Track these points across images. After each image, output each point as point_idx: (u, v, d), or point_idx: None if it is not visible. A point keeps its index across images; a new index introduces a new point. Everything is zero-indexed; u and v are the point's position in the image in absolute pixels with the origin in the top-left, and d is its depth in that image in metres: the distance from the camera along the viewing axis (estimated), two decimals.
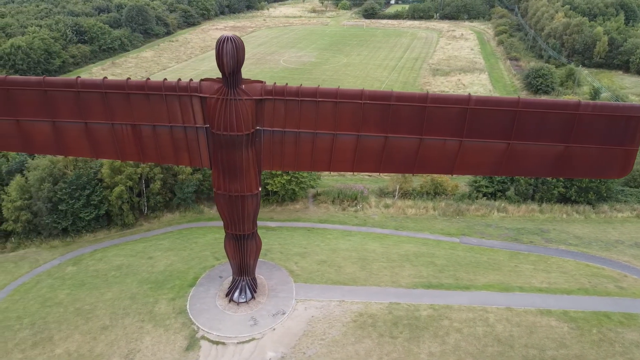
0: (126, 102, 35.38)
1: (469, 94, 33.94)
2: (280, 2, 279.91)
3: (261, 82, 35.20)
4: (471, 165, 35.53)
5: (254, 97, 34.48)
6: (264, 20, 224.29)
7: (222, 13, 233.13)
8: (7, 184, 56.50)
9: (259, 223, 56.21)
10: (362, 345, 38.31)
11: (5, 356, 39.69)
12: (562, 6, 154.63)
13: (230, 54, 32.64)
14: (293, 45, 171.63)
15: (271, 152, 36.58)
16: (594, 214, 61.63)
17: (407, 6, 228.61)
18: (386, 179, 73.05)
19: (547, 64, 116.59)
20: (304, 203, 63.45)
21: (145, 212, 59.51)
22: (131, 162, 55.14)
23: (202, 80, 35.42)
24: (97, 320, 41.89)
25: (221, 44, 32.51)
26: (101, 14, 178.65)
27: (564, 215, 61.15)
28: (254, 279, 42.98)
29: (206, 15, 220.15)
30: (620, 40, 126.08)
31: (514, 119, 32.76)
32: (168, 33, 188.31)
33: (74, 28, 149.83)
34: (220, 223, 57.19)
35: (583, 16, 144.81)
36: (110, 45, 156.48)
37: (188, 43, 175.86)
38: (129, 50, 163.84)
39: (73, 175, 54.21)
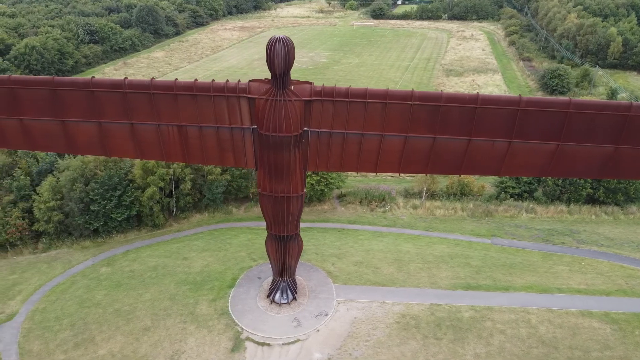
0: (173, 103, 35.28)
1: (520, 95, 33.85)
2: (286, 2, 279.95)
3: (310, 83, 35.13)
4: (519, 167, 35.41)
5: (303, 98, 34.36)
6: (272, 20, 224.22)
7: (230, 13, 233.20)
8: (37, 185, 56.45)
9: None
10: (407, 346, 38.24)
11: (48, 357, 39.67)
12: (574, 7, 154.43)
13: (281, 55, 32.60)
14: (304, 46, 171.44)
15: (317, 153, 36.48)
16: (622, 215, 61.59)
17: (415, 7, 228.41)
18: (409, 180, 73.13)
19: (562, 65, 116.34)
20: (331, 204, 63.39)
21: (174, 212, 59.44)
22: (162, 162, 55.24)
23: (250, 81, 35.39)
24: (138, 321, 41.84)
25: (272, 45, 32.48)
26: (111, 14, 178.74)
27: (593, 216, 61.10)
28: (293, 280, 42.89)
29: (214, 16, 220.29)
30: (635, 41, 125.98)
31: (565, 120, 32.62)
32: (177, 33, 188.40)
33: (85, 28, 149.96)
34: (251, 224, 57.90)
35: (594, 17, 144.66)
36: (121, 46, 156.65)
37: (198, 43, 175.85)
38: (139, 51, 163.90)
39: (104, 175, 54.16)
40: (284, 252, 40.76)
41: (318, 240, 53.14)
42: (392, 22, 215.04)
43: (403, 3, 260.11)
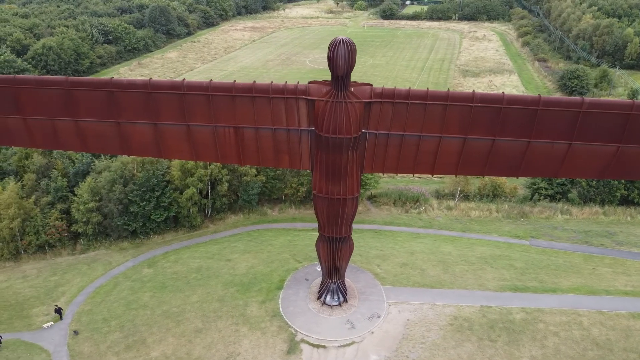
0: (231, 105, 35.19)
1: (582, 96, 33.78)
2: (294, 3, 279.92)
3: (369, 84, 34.97)
4: (578, 168, 35.40)
5: (363, 100, 34.19)
6: (282, 20, 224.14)
7: (239, 13, 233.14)
8: (74, 186, 56.34)
9: None
10: (463, 348, 38.16)
11: (100, 359, 39.58)
12: (589, 7, 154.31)
13: (344, 57, 32.44)
14: (316, 46, 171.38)
15: (374, 154, 36.36)
16: None
17: (425, 7, 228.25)
18: (437, 180, 72.96)
19: (581, 66, 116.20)
20: (364, 205, 63.25)
21: (209, 213, 59.35)
22: (201, 163, 55.16)
23: (310, 82, 35.25)
24: (188, 323, 41.77)
25: (335, 47, 32.38)
26: (123, 14, 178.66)
27: (628, 218, 60.97)
28: (343, 282, 42.79)
29: (224, 16, 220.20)
30: None
31: (627, 121, 32.55)
32: (189, 34, 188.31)
33: (99, 28, 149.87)
34: (287, 225, 57.88)
35: (608, 17, 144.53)
36: (135, 46, 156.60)
37: (210, 44, 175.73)
38: (152, 51, 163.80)
39: (142, 177, 54.04)
40: (335, 253, 40.63)
41: (358, 242, 52.72)
42: (403, 22, 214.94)
43: (411, 3, 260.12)
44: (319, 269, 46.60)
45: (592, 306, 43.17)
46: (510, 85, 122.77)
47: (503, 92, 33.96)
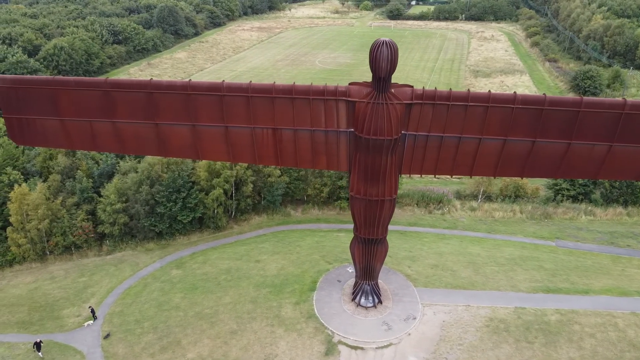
0: (270, 106, 35.18)
1: (624, 97, 33.69)
2: (299, 3, 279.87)
3: (410, 86, 34.93)
4: (618, 170, 35.35)
5: (404, 102, 34.13)
6: (289, 21, 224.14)
7: (245, 14, 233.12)
8: (98, 187, 56.31)
9: (349, 226, 56.29)
10: (501, 350, 38.11)
11: None
12: (598, 7, 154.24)
13: (387, 59, 32.43)
14: (325, 46, 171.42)
15: (412, 156, 36.30)
16: None
17: (431, 7, 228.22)
18: (455, 181, 72.86)
19: (594, 66, 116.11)
20: None
21: (233, 214, 59.31)
22: (227, 164, 55.12)
23: (350, 84, 35.25)
24: (222, 324, 41.71)
25: (377, 48, 32.44)
26: (131, 15, 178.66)
27: None
28: (377, 284, 42.73)
29: (231, 16, 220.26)
30: None
31: None
32: (196, 34, 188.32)
33: (108, 29, 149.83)
34: (311, 226, 57.88)
35: (618, 18, 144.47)
36: (144, 46, 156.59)
37: (218, 44, 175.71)
38: (160, 51, 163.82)
39: (168, 178, 54.02)
40: (370, 255, 40.59)
41: None
42: (410, 22, 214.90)
43: (417, 3, 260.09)
44: (351, 270, 46.64)
45: (626, 307, 43.09)
46: (522, 85, 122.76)
47: (545, 94, 33.94)
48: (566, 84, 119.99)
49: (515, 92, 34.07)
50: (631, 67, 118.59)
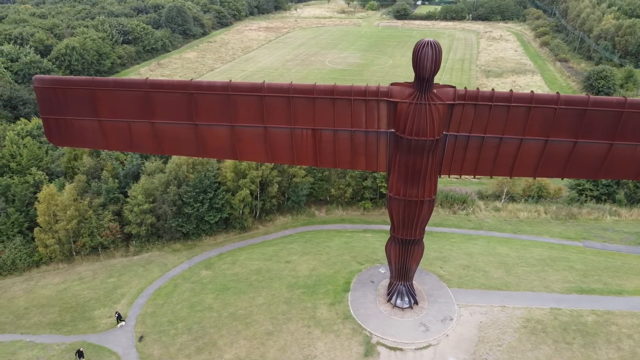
0: (311, 107, 35.12)
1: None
2: (305, 3, 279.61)
3: (452, 87, 34.83)
4: None
5: (447, 102, 34.03)
6: (295, 20, 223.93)
7: (252, 14, 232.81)
8: (124, 187, 56.24)
9: (375, 227, 56.39)
10: (540, 351, 38.02)
11: None
12: (608, 7, 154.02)
13: (431, 59, 32.37)
14: (333, 46, 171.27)
15: (452, 157, 36.17)
16: None
17: (438, 7, 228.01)
18: (474, 181, 72.73)
19: (608, 66, 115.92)
20: None
21: (257, 214, 59.21)
22: (253, 164, 55.05)
23: (392, 84, 35.16)
24: (258, 325, 41.62)
25: (421, 48, 32.36)
26: (139, 15, 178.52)
27: None
28: (412, 285, 42.61)
29: (237, 16, 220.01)
30: None
31: None
32: (204, 34, 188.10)
33: (118, 29, 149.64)
34: (337, 226, 57.85)
35: (630, 18, 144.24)
36: (153, 46, 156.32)
37: (227, 44, 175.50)
38: (169, 51, 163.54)
39: (195, 178, 53.93)
40: (406, 255, 40.46)
41: None
42: (417, 22, 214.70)
43: (423, 3, 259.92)
44: (383, 271, 46.55)
45: None
46: (534, 85, 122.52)
47: (588, 94, 33.85)
48: (578, 84, 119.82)
49: (558, 93, 34.01)
50: None
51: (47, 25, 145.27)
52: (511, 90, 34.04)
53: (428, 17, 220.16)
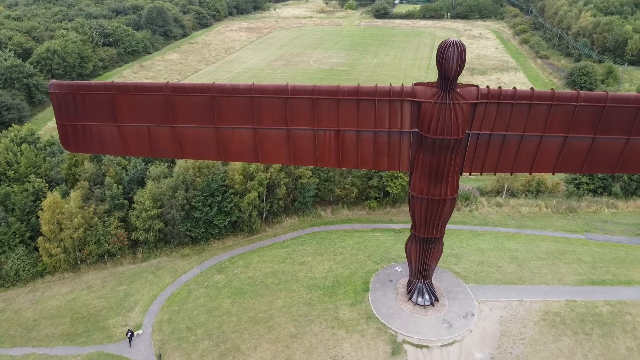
0: (334, 108, 35.22)
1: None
2: (283, 3, 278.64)
3: (475, 86, 35.28)
4: None
5: (470, 101, 34.44)
6: (276, 21, 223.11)
7: (231, 14, 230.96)
8: (128, 193, 55.22)
9: (383, 226, 56.77)
10: (562, 343, 38.89)
11: None
12: (585, 5, 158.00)
13: (457, 58, 32.70)
14: (317, 46, 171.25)
15: (474, 155, 36.65)
16: None
17: (417, 6, 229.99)
18: (471, 177, 73.72)
19: (590, 62, 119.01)
20: None
21: (264, 217, 58.88)
22: (261, 167, 54.77)
23: (415, 84, 35.45)
24: (280, 328, 41.44)
25: (446, 49, 32.68)
26: (118, 16, 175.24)
27: None
28: (431, 282, 43.02)
29: (217, 17, 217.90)
30: None
31: None
32: (185, 35, 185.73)
33: (98, 31, 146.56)
34: (345, 226, 58.07)
35: (603, 15, 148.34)
36: (134, 48, 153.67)
37: (209, 45, 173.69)
38: (151, 53, 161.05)
39: (203, 182, 53.33)
40: (426, 254, 40.88)
41: None
42: (397, 21, 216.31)
43: (401, 3, 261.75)
44: (400, 270, 46.89)
45: None
46: (518, 82, 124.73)
47: (606, 92, 34.63)
48: (560, 80, 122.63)
49: (578, 90, 34.81)
50: (626, 63, 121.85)
51: (24, 27, 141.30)
52: (532, 88, 34.57)
53: (407, 16, 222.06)
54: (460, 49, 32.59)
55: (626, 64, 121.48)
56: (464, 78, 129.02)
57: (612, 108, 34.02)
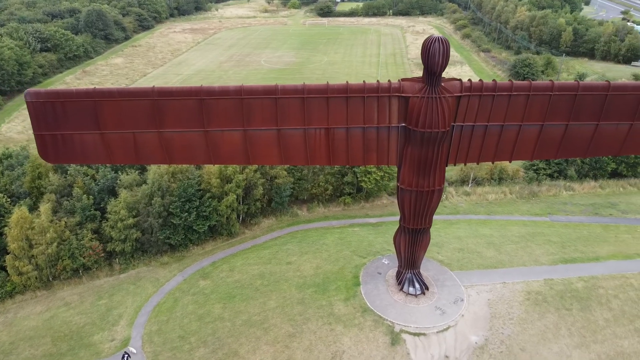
0: (324, 106, 35.69)
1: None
2: (224, 3, 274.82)
3: (458, 79, 36.64)
4: (637, 146, 39.40)
5: (455, 94, 35.79)
6: (220, 21, 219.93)
7: (172, 15, 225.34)
8: (99, 203, 53.08)
9: (359, 220, 57.88)
10: (547, 319, 41.21)
11: None
12: (519, 0, 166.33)
13: (442, 53, 33.87)
14: (265, 46, 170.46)
15: (459, 146, 38.11)
16: None
17: (360, 4, 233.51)
18: None
19: (530, 54, 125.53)
20: (387, 198, 65.09)
21: (242, 219, 58.33)
22: (238, 169, 54.26)
23: (401, 80, 36.40)
24: (277, 329, 41.37)
25: (431, 44, 33.87)
26: (54, 20, 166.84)
27: (621, 189, 67.76)
28: (419, 272, 44.26)
29: (158, 18, 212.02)
30: (583, 30, 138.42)
31: None
32: (127, 38, 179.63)
33: (35, 36, 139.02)
34: (323, 224, 58.73)
35: (541, 9, 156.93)
36: (75, 53, 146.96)
37: (154, 48, 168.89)
38: (93, 58, 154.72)
39: (179, 187, 52.18)
40: (415, 244, 42.04)
41: None
42: (341, 19, 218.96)
43: (342, 1, 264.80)
44: (387, 262, 47.91)
45: (634, 269, 48.04)
46: (465, 75, 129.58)
47: (577, 80, 36.92)
48: (504, 72, 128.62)
49: (552, 80, 36.94)
50: (564, 54, 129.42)
51: None
52: (510, 80, 36.36)
53: (351, 13, 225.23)
54: (445, 44, 33.73)
55: (564, 55, 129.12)
56: (414, 73, 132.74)
57: (583, 96, 36.26)
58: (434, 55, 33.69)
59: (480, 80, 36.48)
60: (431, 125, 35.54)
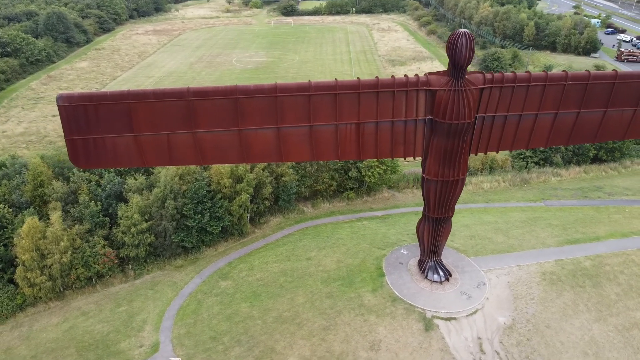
0: (355, 102, 36.66)
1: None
2: (183, 3, 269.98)
3: (481, 72, 38.30)
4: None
5: (479, 86, 37.46)
6: (183, 22, 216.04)
7: (132, 17, 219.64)
8: (107, 209, 51.93)
9: (366, 214, 59.16)
10: (565, 297, 43.58)
11: None
12: None
13: (468, 47, 35.41)
14: (234, 46, 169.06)
15: (480, 136, 39.92)
16: (622, 168, 73.14)
17: (323, 3, 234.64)
18: None
19: (499, 49, 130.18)
20: (387, 192, 66.51)
21: (249, 217, 58.31)
22: (248, 168, 54.27)
23: (428, 74, 37.75)
24: (310, 323, 41.92)
25: (457, 39, 35.36)
26: (11, 23, 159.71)
27: (603, 173, 71.80)
28: (441, 260, 45.79)
29: (118, 20, 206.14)
30: (544, 24, 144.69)
31: None
32: (88, 41, 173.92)
33: None
34: (332, 219, 59.59)
35: (502, 5, 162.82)
36: (37, 57, 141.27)
37: (119, 50, 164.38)
38: (55, 62, 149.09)
39: (190, 189, 51.75)
40: (437, 233, 43.63)
41: (413, 225, 55.98)
42: (306, 18, 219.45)
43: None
44: (406, 252, 49.24)
45: (632, 246, 51.28)
46: (437, 70, 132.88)
47: (588, 71, 39.28)
48: (474, 66, 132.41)
49: (566, 71, 39.17)
50: (530, 48, 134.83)
51: None
52: (528, 71, 38.31)
53: (315, 12, 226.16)
54: (470, 39, 35.22)
55: (530, 48, 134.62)
56: (386, 69, 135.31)
57: (593, 85, 38.65)
58: (461, 50, 35.06)
59: (500, 72, 38.25)
60: (457, 116, 37.00)
